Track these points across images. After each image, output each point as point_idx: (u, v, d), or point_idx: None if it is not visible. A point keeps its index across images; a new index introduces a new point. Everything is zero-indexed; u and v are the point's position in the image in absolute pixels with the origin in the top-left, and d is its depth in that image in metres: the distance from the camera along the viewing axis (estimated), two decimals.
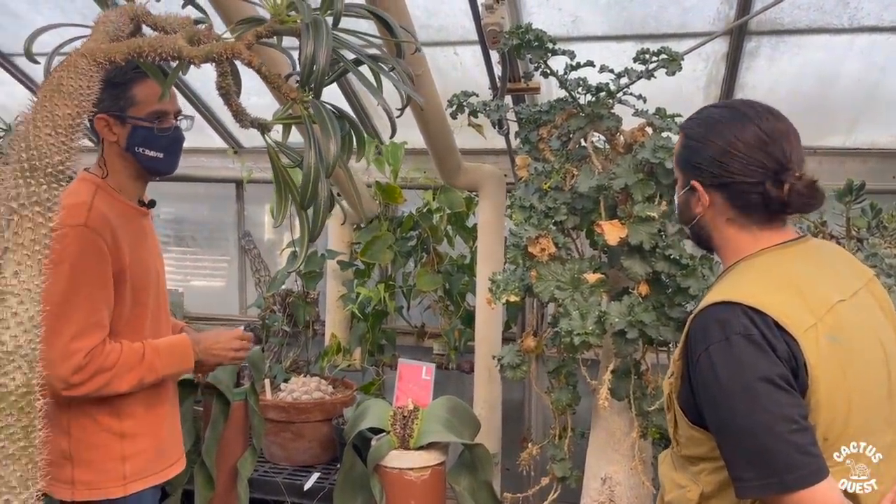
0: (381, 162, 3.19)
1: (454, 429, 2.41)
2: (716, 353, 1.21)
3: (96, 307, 1.62)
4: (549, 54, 2.08)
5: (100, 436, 1.69)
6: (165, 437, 1.80)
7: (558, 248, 2.14)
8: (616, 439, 2.33)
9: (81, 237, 1.61)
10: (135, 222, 1.76)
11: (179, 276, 4.17)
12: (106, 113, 1.71)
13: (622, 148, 2.21)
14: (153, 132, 1.73)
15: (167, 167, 1.79)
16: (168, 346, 1.75)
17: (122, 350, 1.65)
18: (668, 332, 2.09)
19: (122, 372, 1.64)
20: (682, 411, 1.34)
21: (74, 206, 1.64)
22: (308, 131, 1.29)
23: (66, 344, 1.57)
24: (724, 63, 2.69)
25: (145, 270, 1.75)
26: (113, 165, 1.74)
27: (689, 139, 1.37)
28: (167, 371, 1.74)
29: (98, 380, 1.61)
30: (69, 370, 1.58)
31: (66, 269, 1.59)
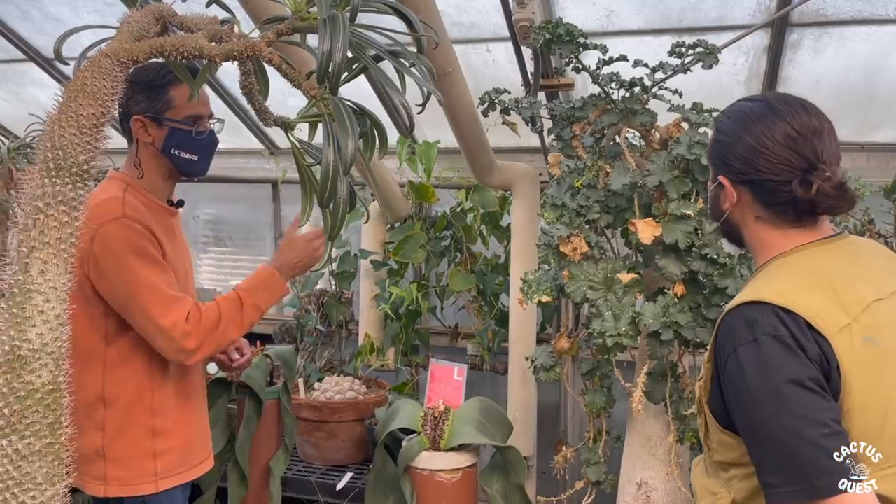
0: (415, 161, 3.17)
1: (486, 430, 2.38)
2: (744, 355, 1.17)
3: (164, 283, 1.65)
4: (580, 49, 2.03)
5: (133, 432, 1.71)
6: (195, 435, 1.82)
7: (591, 247, 2.10)
8: (652, 443, 2.27)
9: (125, 227, 1.64)
10: (164, 221, 1.78)
11: (219, 277, 4.22)
12: (143, 114, 1.73)
13: (657, 144, 2.16)
14: (190, 135, 1.76)
15: (200, 169, 1.82)
16: (257, 282, 1.78)
17: (219, 305, 1.70)
18: (704, 334, 2.03)
19: (228, 321, 1.69)
20: (712, 415, 1.30)
21: (108, 202, 1.67)
22: (327, 129, 1.28)
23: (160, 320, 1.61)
24: (765, 56, 2.61)
25: (175, 269, 1.77)
26: (146, 165, 1.77)
27: (720, 133, 1.33)
28: (267, 303, 1.78)
29: (214, 338, 1.67)
30: (179, 340, 1.62)
31: (122, 261, 1.62)
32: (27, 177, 1.35)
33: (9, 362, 1.22)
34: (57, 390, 1.27)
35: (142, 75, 1.73)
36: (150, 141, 1.75)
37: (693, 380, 2.19)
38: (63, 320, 1.29)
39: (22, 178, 1.27)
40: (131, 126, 1.74)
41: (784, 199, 1.25)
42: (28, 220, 1.24)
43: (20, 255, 1.24)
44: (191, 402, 1.81)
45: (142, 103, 1.73)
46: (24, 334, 1.22)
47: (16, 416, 1.23)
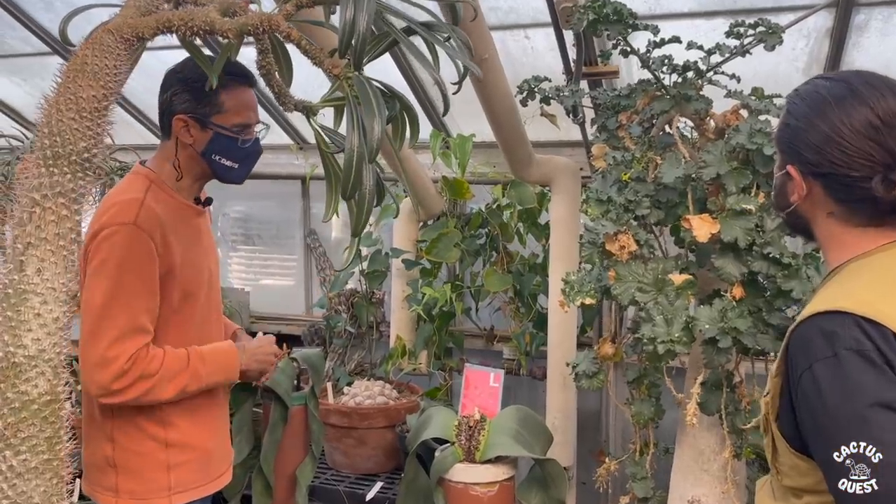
0: (448, 156, 3.03)
1: (524, 441, 2.22)
2: (821, 372, 1.03)
3: (140, 310, 1.53)
4: (629, 30, 1.87)
5: (144, 444, 1.61)
6: (213, 447, 1.70)
7: (640, 245, 1.93)
8: (705, 458, 2.10)
9: (130, 236, 1.52)
10: (189, 221, 1.67)
11: (248, 275, 4.13)
12: (187, 114, 1.62)
13: (712, 133, 1.98)
14: (236, 143, 1.64)
15: (239, 178, 1.71)
16: (213, 354, 1.65)
17: (164, 356, 1.56)
18: (766, 341, 1.85)
19: (165, 379, 1.55)
20: (782, 436, 1.14)
21: (125, 203, 1.56)
22: (351, 111, 1.14)
23: (107, 348, 1.49)
24: (827, 39, 2.41)
25: (197, 271, 1.66)
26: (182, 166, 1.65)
27: (791, 117, 1.17)
28: (212, 379, 1.64)
29: (139, 386, 1.52)
30: (110, 376, 1.49)
31: (112, 269, 1.51)
32: (23, 166, 1.23)
33: (2, 370, 1.11)
34: (55, 401, 1.16)
35: (192, 73, 1.62)
36: (191, 142, 1.63)
37: (751, 390, 2.02)
38: (62, 324, 1.18)
39: None
40: (172, 124, 1.62)
41: (861, 196, 1.10)
42: (24, 213, 1.13)
43: (15, 252, 1.13)
44: (209, 412, 1.70)
45: (188, 102, 1.62)
46: (19, 339, 1.11)
47: (10, 430, 1.12)
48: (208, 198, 1.77)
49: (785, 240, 1.83)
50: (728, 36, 1.91)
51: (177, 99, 1.62)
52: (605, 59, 1.99)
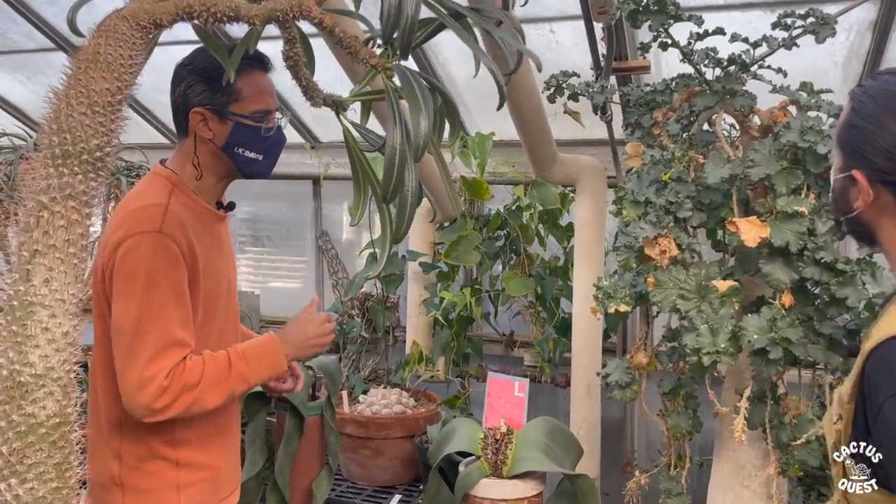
0: (467, 155, 2.92)
1: (553, 455, 2.11)
2: None
3: (175, 322, 1.42)
4: (670, 20, 1.75)
5: (153, 463, 1.50)
6: (223, 467, 1.60)
7: (681, 249, 1.82)
8: (746, 473, 1.99)
9: (156, 245, 1.40)
10: (210, 227, 1.56)
11: (256, 278, 4.03)
12: (204, 106, 1.50)
13: (756, 131, 1.87)
14: (259, 132, 1.53)
15: (264, 170, 1.59)
16: (255, 350, 1.53)
17: (204, 363, 1.45)
18: (817, 352, 1.74)
19: (209, 387, 1.44)
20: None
21: (149, 209, 1.44)
22: (393, 106, 1.03)
23: (145, 367, 1.38)
24: (869, 33, 2.30)
25: (217, 281, 1.55)
26: (201, 164, 1.54)
27: (857, 116, 1.06)
28: (259, 377, 1.53)
29: (185, 399, 1.41)
30: (152, 395, 1.38)
31: (140, 283, 1.39)
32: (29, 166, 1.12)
33: (7, 390, 1.00)
34: (65, 424, 1.05)
35: (204, 62, 1.50)
36: (211, 137, 1.51)
37: (796, 401, 1.91)
38: (72, 339, 1.07)
39: None
40: (189, 119, 1.50)
41: None
42: (30, 218, 1.01)
43: (21, 260, 1.01)
44: (222, 431, 1.59)
45: (204, 94, 1.50)
46: (26, 357, 1.00)
47: (15, 456, 1.01)
48: (231, 202, 1.66)
49: (838, 245, 1.72)
50: (775, 27, 1.80)
51: (191, 92, 1.50)
52: (644, 51, 1.87)
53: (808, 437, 1.78)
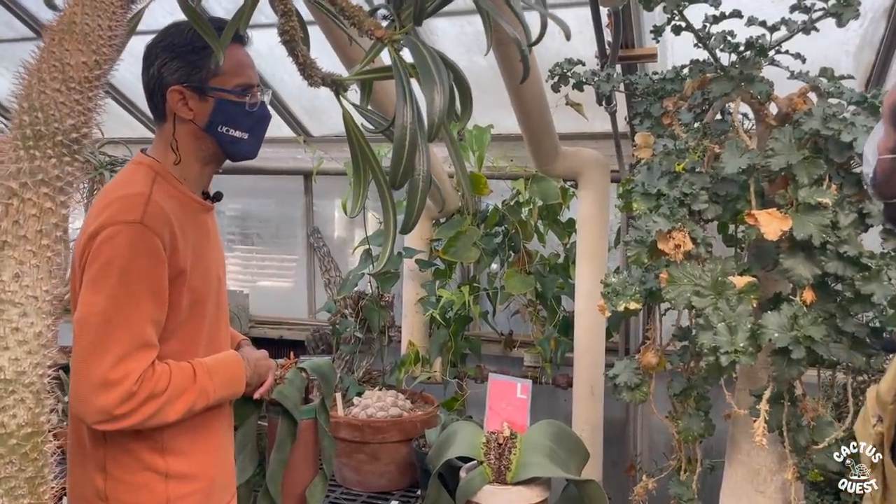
0: (465, 148, 2.82)
1: (559, 460, 2.02)
2: None
3: (147, 321, 1.31)
4: (685, 2, 1.66)
5: (142, 475, 1.39)
6: (217, 475, 1.49)
7: (696, 244, 1.73)
8: (761, 478, 1.91)
9: (136, 236, 1.29)
10: (197, 218, 1.44)
11: (245, 277, 3.91)
12: (182, 84, 1.39)
13: (774, 120, 1.78)
14: (243, 108, 1.42)
15: (251, 150, 1.48)
16: (219, 366, 1.44)
17: (171, 372, 1.34)
18: (840, 351, 1.66)
19: (174, 398, 1.33)
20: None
21: (129, 199, 1.33)
22: (402, 82, 0.93)
23: (111, 368, 1.26)
24: (884, 20, 2.22)
25: (206, 275, 1.44)
26: (183, 148, 1.42)
27: None
28: (220, 394, 1.43)
29: (146, 409, 1.30)
30: (116, 399, 1.27)
31: (115, 275, 1.28)
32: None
33: None
34: (38, 433, 0.94)
35: (177, 38, 1.39)
36: (191, 117, 1.40)
37: (815, 403, 1.82)
38: (46, 341, 0.96)
39: None
40: (167, 99, 1.39)
41: None
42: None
43: None
44: (214, 436, 1.48)
45: (180, 71, 1.38)
46: None
47: None
48: (217, 192, 1.55)
49: (861, 238, 1.64)
50: (793, 10, 1.71)
51: (166, 70, 1.39)
52: (657, 35, 1.78)
53: (829, 441, 1.70)
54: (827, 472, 1.76)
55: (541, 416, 2.31)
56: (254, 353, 1.62)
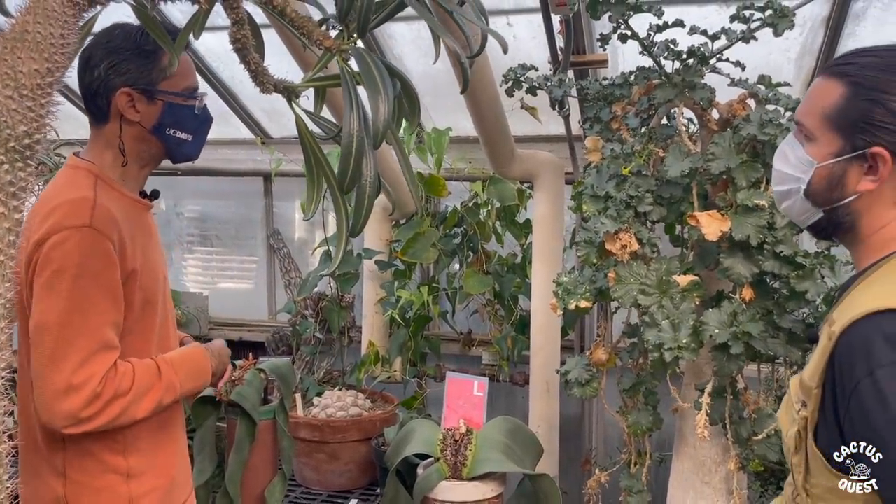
0: (423, 150, 2.86)
1: (514, 456, 2.07)
2: (886, 380, 0.92)
3: (105, 324, 1.32)
4: (630, 12, 1.73)
5: (103, 478, 1.39)
6: (176, 472, 1.51)
7: (642, 244, 1.80)
8: (706, 469, 1.98)
9: (86, 240, 1.30)
10: (139, 219, 1.46)
11: (205, 279, 3.90)
12: (131, 86, 1.40)
13: (715, 125, 1.86)
14: (191, 111, 1.44)
15: (194, 152, 1.50)
16: (183, 359, 1.46)
17: (134, 371, 1.36)
18: (777, 346, 1.74)
19: (140, 395, 1.35)
20: (820, 454, 1.02)
21: (76, 203, 1.33)
22: (349, 90, 0.97)
23: (73, 373, 1.28)
24: (822, 29, 2.32)
25: (154, 274, 1.46)
26: (129, 150, 1.44)
27: (868, 89, 1.03)
28: (186, 387, 1.45)
29: (114, 408, 1.32)
30: (80, 402, 1.28)
31: (68, 281, 1.29)
32: None
33: None
34: None
35: (125, 41, 1.40)
36: (138, 119, 1.41)
37: (756, 396, 1.90)
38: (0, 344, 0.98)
39: None
40: (115, 101, 1.40)
41: None
42: None
43: None
44: (171, 432, 1.50)
45: (129, 73, 1.39)
46: None
47: None
48: (155, 190, 1.56)
49: (797, 238, 1.72)
50: (733, 20, 1.79)
51: (113, 72, 1.40)
52: (604, 43, 1.85)
53: (767, 432, 1.78)
54: (767, 462, 1.83)
55: (499, 414, 2.36)
56: (214, 345, 1.63)
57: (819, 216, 1.11)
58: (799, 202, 1.12)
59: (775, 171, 1.16)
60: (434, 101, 3.00)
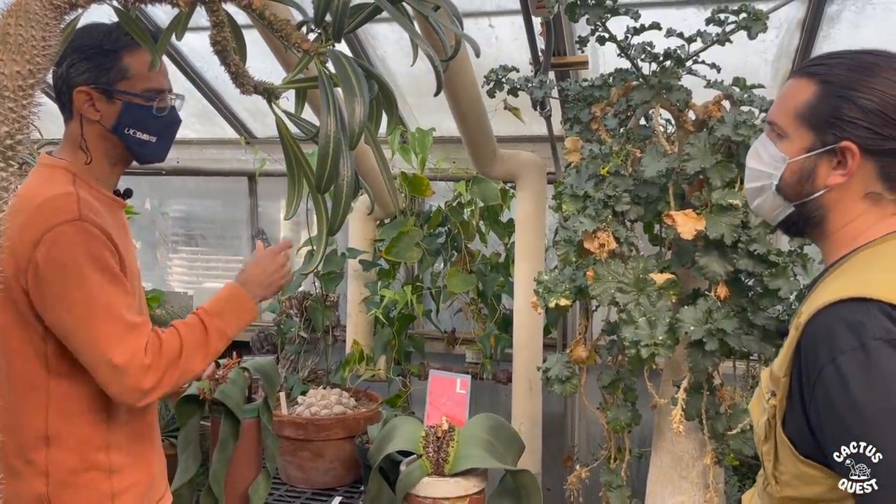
0: (407, 151, 2.89)
1: (496, 452, 2.10)
2: (848, 366, 0.95)
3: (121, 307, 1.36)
4: (608, 14, 1.76)
5: (86, 475, 1.40)
6: (156, 466, 1.54)
7: (619, 243, 1.83)
8: (684, 464, 2.02)
9: (80, 231, 1.33)
10: (116, 216, 1.48)
11: (190, 278, 3.90)
12: (89, 85, 1.41)
13: (692, 126, 1.89)
14: (150, 111, 1.45)
15: (159, 153, 1.51)
16: (224, 303, 1.52)
17: (179, 333, 1.42)
18: (751, 342, 1.77)
19: (192, 353, 1.42)
20: (788, 441, 1.05)
21: (60, 199, 1.35)
22: (326, 92, 0.99)
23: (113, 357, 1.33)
24: (798, 31, 2.36)
25: (132, 270, 1.48)
26: (92, 149, 1.45)
27: (838, 87, 1.06)
28: (235, 328, 1.51)
29: (173, 373, 1.39)
30: (135, 380, 1.34)
31: (74, 276, 1.31)
32: None
33: None
34: None
35: (88, 39, 1.41)
36: (98, 118, 1.43)
37: (732, 392, 1.94)
38: None
39: None
40: (74, 100, 1.42)
41: None
42: None
43: None
44: (151, 428, 1.54)
45: (88, 72, 1.41)
46: None
47: None
48: (128, 189, 1.58)
49: (771, 237, 1.75)
50: (709, 23, 1.82)
51: (74, 70, 1.42)
52: (582, 46, 1.88)
53: (742, 427, 1.81)
54: (742, 456, 1.87)
55: (482, 411, 2.38)
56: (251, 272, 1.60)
57: (790, 211, 1.15)
58: (770, 198, 1.16)
59: (748, 168, 1.20)
60: (418, 101, 3.03)
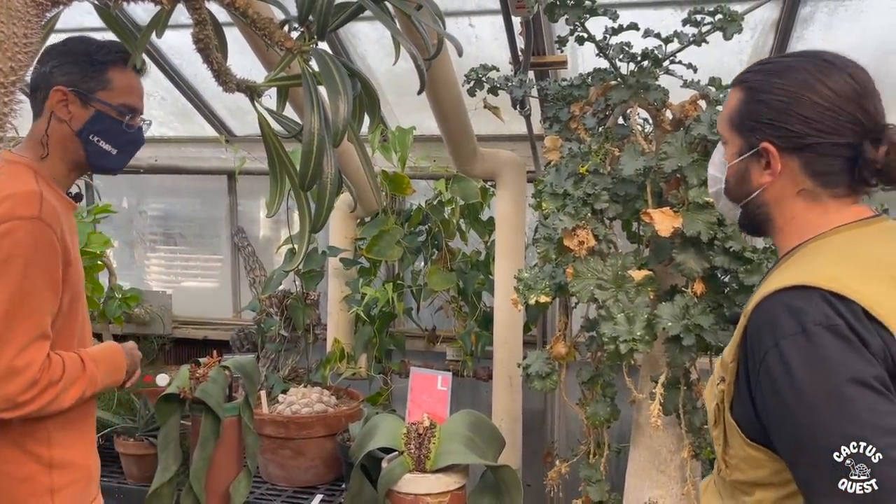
0: (388, 149, 2.89)
1: (477, 448, 2.11)
2: (789, 350, 0.98)
3: (45, 312, 1.38)
4: (586, 15, 1.78)
5: (26, 467, 1.43)
6: (93, 465, 1.57)
7: (598, 240, 1.85)
8: (662, 458, 2.05)
9: (36, 231, 1.35)
10: (69, 217, 1.52)
11: (168, 277, 3.87)
12: (68, 87, 1.45)
13: (669, 125, 1.92)
14: (120, 125, 1.50)
15: (116, 165, 1.55)
16: (103, 355, 1.53)
17: (63, 361, 1.42)
18: (727, 338, 1.80)
19: (68, 386, 1.41)
20: (737, 426, 1.09)
21: (24, 195, 1.37)
22: (310, 90, 1.00)
23: (16, 357, 1.33)
24: (772, 32, 2.40)
25: (79, 270, 1.52)
26: (52, 148, 1.48)
27: (756, 91, 1.11)
28: (105, 382, 1.52)
29: (47, 395, 1.37)
30: (20, 387, 1.33)
31: (17, 269, 1.33)
32: None
33: None
34: None
35: (80, 46, 1.47)
36: (67, 119, 1.46)
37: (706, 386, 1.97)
38: None
39: None
40: (49, 96, 1.44)
41: (840, 167, 1.08)
42: None
43: None
44: (90, 427, 1.57)
45: (71, 74, 1.46)
46: None
47: None
48: (78, 193, 1.62)
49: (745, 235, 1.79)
50: (685, 24, 1.85)
51: (58, 71, 1.46)
52: (561, 45, 1.90)
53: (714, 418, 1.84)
54: None
55: (463, 408, 2.40)
56: (127, 345, 1.69)
57: (739, 212, 1.21)
58: (723, 201, 1.23)
59: (708, 174, 1.28)
60: (398, 99, 3.04)
